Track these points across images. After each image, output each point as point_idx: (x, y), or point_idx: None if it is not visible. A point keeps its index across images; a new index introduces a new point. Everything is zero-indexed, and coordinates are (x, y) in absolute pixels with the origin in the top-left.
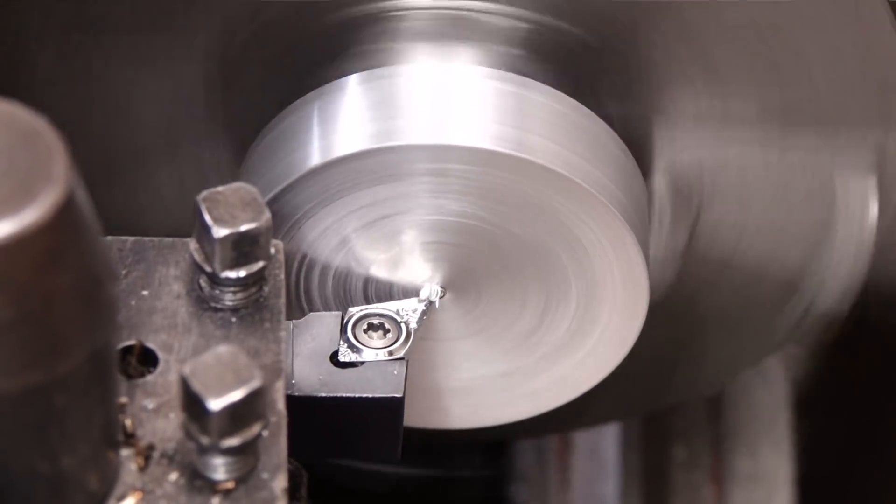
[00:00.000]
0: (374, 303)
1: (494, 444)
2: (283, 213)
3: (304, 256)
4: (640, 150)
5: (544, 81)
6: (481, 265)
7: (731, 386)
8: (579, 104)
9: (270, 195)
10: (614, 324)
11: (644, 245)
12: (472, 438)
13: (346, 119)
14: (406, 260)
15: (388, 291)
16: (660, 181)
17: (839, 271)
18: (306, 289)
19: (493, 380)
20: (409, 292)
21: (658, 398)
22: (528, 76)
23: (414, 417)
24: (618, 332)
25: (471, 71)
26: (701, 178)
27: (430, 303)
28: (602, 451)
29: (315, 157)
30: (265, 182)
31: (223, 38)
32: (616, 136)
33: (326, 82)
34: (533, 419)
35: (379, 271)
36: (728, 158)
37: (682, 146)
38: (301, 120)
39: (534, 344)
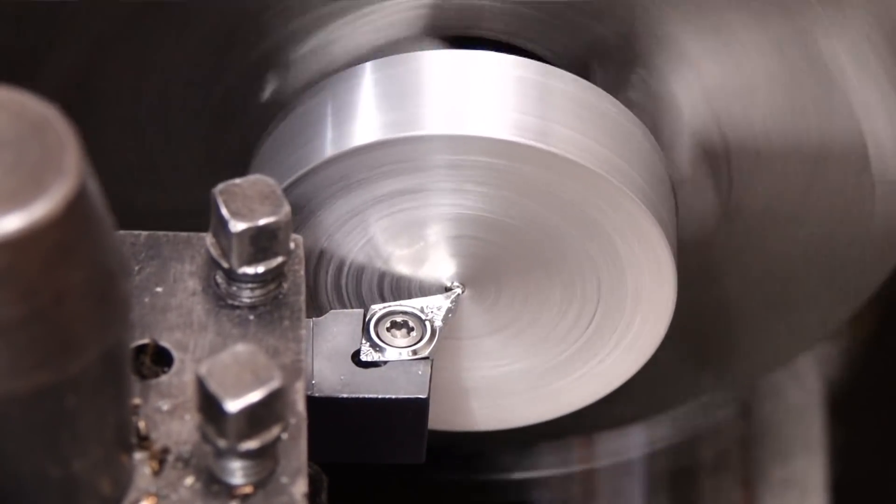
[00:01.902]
0: (389, 299)
1: (516, 446)
2: (296, 206)
3: (316, 251)
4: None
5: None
6: (502, 260)
7: (762, 386)
8: (603, 92)
9: (282, 186)
10: (640, 320)
11: (671, 239)
12: (493, 440)
13: (361, 108)
14: (423, 255)
15: (404, 287)
16: (687, 154)
17: (872, 268)
18: (318, 284)
19: (514, 379)
20: (427, 288)
21: (686, 398)
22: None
23: (435, 419)
24: (644, 330)
25: (490, 58)
26: (727, 149)
27: (456, 299)
28: (627, 454)
29: (329, 148)
30: (277, 173)
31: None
32: (642, 124)
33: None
34: (556, 420)
35: (395, 266)
36: (752, 119)
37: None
38: (315, 109)
39: (556, 342)
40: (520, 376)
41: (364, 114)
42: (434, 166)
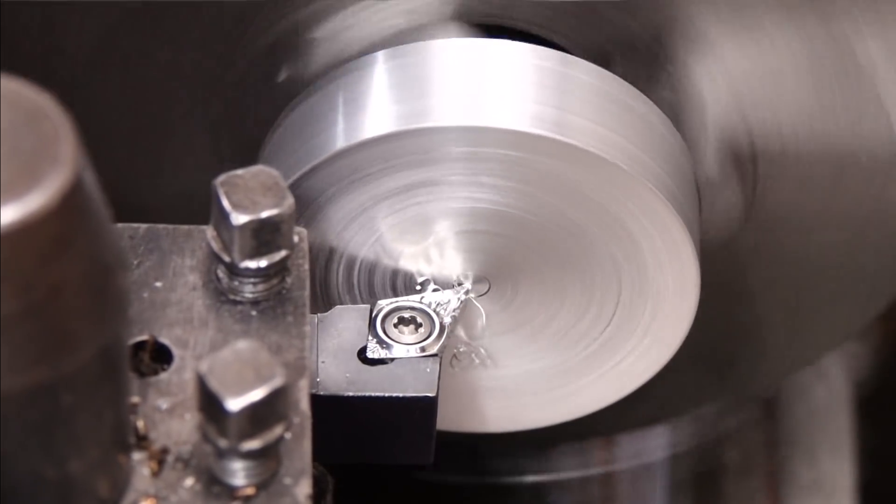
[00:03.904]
0: (403, 296)
1: (534, 448)
2: (305, 199)
3: (326, 246)
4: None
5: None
6: (519, 256)
7: (788, 386)
8: (625, 83)
9: (291, 179)
10: (662, 318)
11: (695, 235)
12: (510, 442)
13: (373, 99)
14: (438, 250)
15: (417, 284)
16: (712, 153)
17: None
18: (328, 280)
19: (531, 379)
20: (441, 285)
21: (709, 399)
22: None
23: (447, 420)
24: (666, 328)
25: (508, 47)
26: (752, 145)
27: (466, 294)
28: (649, 456)
29: (340, 140)
30: (286, 166)
31: None
32: (664, 115)
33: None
34: (575, 421)
35: (408, 262)
36: (779, 119)
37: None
38: (325, 100)
39: (575, 341)
40: (535, 376)
41: (376, 104)
42: (449, 159)
